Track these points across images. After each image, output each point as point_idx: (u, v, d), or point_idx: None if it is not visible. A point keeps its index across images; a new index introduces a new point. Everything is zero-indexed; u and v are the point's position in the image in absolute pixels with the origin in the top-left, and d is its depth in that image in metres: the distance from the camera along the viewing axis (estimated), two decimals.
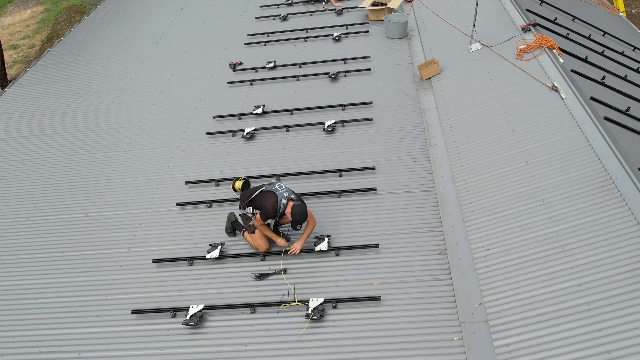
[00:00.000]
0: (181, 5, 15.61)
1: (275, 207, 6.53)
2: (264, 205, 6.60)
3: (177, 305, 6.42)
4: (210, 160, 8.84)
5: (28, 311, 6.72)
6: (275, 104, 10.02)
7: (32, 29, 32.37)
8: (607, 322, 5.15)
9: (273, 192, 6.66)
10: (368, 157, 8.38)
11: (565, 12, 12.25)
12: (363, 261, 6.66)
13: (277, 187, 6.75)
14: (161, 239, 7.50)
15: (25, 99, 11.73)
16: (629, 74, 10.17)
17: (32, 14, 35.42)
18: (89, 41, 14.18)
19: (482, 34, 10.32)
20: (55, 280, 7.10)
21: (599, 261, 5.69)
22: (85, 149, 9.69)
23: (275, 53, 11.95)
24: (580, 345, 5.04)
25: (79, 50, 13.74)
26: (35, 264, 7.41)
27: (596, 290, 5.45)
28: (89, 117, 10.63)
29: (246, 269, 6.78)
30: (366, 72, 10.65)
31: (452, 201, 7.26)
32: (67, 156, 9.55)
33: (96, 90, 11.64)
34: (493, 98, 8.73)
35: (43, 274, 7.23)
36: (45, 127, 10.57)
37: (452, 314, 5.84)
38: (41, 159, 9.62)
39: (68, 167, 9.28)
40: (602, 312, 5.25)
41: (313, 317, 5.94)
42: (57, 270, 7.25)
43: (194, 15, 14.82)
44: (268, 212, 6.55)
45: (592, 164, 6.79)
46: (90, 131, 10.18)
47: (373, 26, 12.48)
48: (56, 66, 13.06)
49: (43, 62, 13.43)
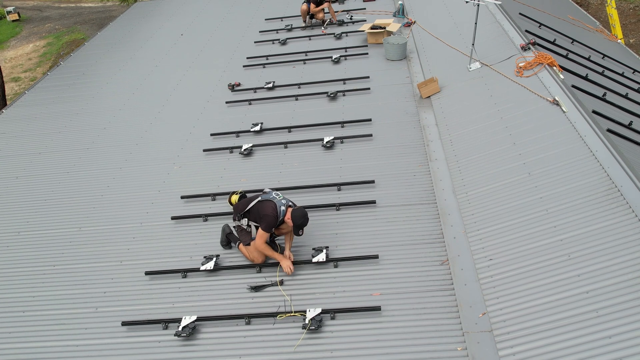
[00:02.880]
0: (181, 31, 15.69)
1: (276, 214, 6.34)
2: (264, 213, 6.40)
3: (169, 317, 6.18)
4: (206, 176, 8.70)
5: (15, 324, 6.48)
6: (274, 122, 9.93)
7: (34, 62, 32.62)
8: (617, 328, 4.93)
9: (270, 200, 6.49)
10: (367, 171, 8.24)
11: (564, 34, 12.27)
12: (362, 272, 6.44)
13: (273, 195, 6.59)
14: (155, 252, 7.29)
15: (23, 120, 11.66)
16: (629, 93, 10.10)
17: (34, 47, 35.77)
18: (88, 65, 14.19)
19: (481, 53, 10.29)
20: (44, 294, 6.87)
21: (606, 268, 5.49)
22: (80, 166, 9.56)
23: (274, 75, 11.92)
24: (591, 352, 4.81)
25: (78, 73, 13.74)
26: (24, 277, 7.20)
27: (604, 297, 5.23)
28: (85, 136, 10.53)
29: (241, 281, 6.56)
30: (365, 91, 10.59)
31: (453, 213, 7.08)
32: (62, 173, 9.42)
33: (93, 111, 11.58)
34: (494, 113, 8.63)
35: (32, 287, 7.01)
36: (41, 145, 10.46)
37: (455, 324, 5.61)
38: (35, 176, 9.48)
39: (62, 183, 9.13)
40: (611, 318, 5.03)
41: (310, 328, 5.70)
42: (47, 284, 7.03)
43: (194, 40, 14.88)
44: (270, 220, 6.35)
45: (596, 173, 6.64)
46: (86, 149, 10.07)
47: (372, 49, 12.48)
48: (55, 88, 13.03)
49: (42, 84, 13.41)
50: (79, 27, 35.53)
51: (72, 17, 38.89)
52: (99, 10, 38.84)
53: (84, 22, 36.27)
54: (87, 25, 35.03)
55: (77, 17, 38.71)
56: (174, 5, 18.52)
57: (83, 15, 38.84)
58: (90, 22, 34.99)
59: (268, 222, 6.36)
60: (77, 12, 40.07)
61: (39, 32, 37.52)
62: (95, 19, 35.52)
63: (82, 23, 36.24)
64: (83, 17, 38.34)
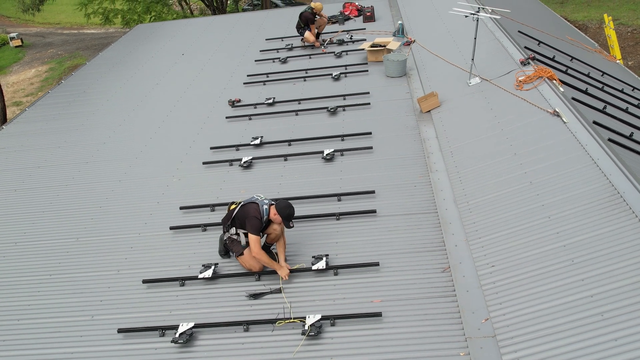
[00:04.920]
0: (182, 51, 15.79)
1: (259, 214, 6.28)
2: (247, 216, 6.33)
3: (166, 324, 6.06)
4: (205, 188, 8.64)
5: (9, 332, 6.38)
6: (274, 136, 9.91)
7: (35, 87, 32.80)
8: (623, 331, 4.82)
9: (253, 202, 6.45)
10: (367, 183, 8.18)
11: (564, 52, 12.33)
12: (363, 279, 6.35)
13: (255, 197, 6.55)
14: (152, 261, 7.21)
15: (23, 135, 11.65)
16: (629, 108, 10.10)
17: (36, 72, 36.00)
18: (89, 83, 14.25)
19: (481, 69, 10.33)
20: (40, 302, 6.78)
21: (610, 272, 5.41)
22: (78, 179, 9.51)
23: (274, 91, 11.93)
24: (597, 355, 4.69)
25: (79, 91, 13.78)
26: (20, 286, 7.11)
27: (610, 300, 5.14)
28: (85, 151, 10.51)
29: (240, 289, 6.46)
30: (365, 106, 10.59)
31: (454, 222, 7.01)
32: (60, 186, 9.37)
33: (94, 126, 11.58)
34: (494, 126, 8.62)
35: (27, 296, 6.92)
36: (41, 160, 10.43)
37: (458, 329, 5.50)
38: (34, 189, 9.43)
39: (60, 196, 9.08)
40: (617, 321, 4.92)
41: (310, 334, 5.59)
42: (42, 292, 6.94)
43: (194, 59, 14.95)
44: (254, 221, 6.27)
45: (598, 180, 6.59)
46: (85, 163, 10.04)
47: (372, 67, 12.52)
48: (55, 105, 13.06)
49: (42, 102, 13.45)
50: (81, 52, 35.84)
51: (75, 43, 39.25)
52: (101, 36, 39.21)
53: (86, 48, 36.59)
54: (89, 51, 35.33)
55: (79, 43, 39.07)
56: (175, 27, 18.67)
57: (85, 42, 39.21)
58: (92, 47, 35.31)
59: (253, 224, 6.28)
60: (79, 38, 40.46)
61: (41, 57, 37.84)
62: (98, 45, 35.81)
63: (85, 49, 36.56)
64: (85, 43, 38.71)
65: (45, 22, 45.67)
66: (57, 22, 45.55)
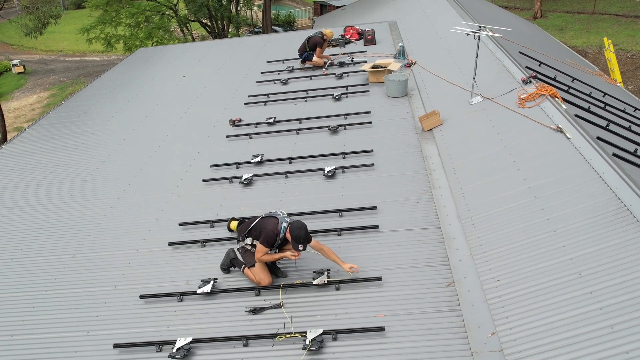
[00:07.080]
0: (183, 74, 15.82)
1: (276, 231, 6.16)
2: (264, 228, 6.23)
3: (163, 339, 5.90)
4: (205, 204, 8.53)
5: (4, 348, 6.21)
6: (274, 154, 9.83)
7: (37, 113, 32.89)
8: (634, 343, 4.68)
9: (274, 217, 6.32)
10: (369, 199, 8.08)
11: (565, 73, 12.33)
12: (365, 294, 6.21)
13: (277, 211, 6.42)
14: (150, 277, 7.07)
15: (22, 154, 11.58)
16: (632, 127, 10.05)
17: (38, 98, 36.15)
18: (90, 104, 14.23)
19: (482, 88, 10.29)
20: (34, 318, 6.62)
21: (619, 284, 5.27)
22: (77, 197, 9.41)
23: (275, 111, 11.89)
24: None
25: (79, 112, 13.76)
26: (14, 302, 6.95)
27: (620, 312, 5.00)
28: (84, 169, 10.42)
29: (240, 304, 6.31)
30: (366, 125, 10.54)
31: (458, 237, 6.89)
32: (58, 204, 9.26)
33: (93, 146, 11.52)
34: (497, 142, 8.55)
35: (22, 311, 6.77)
36: (39, 178, 10.34)
37: (463, 344, 5.35)
38: (31, 206, 9.32)
39: (58, 213, 8.96)
40: (628, 333, 4.78)
41: (311, 349, 5.43)
42: (37, 308, 6.78)
43: (195, 81, 14.96)
44: (269, 234, 6.17)
45: (603, 194, 6.48)
46: (84, 181, 9.94)
47: (373, 87, 12.51)
48: (55, 125, 13.02)
49: (42, 122, 13.41)
50: (83, 79, 36.05)
51: (77, 70, 39.53)
52: (103, 63, 39.50)
53: (87, 75, 36.83)
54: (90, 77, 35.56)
55: (81, 69, 39.35)
56: (177, 51, 18.75)
57: (87, 68, 39.48)
58: (94, 74, 35.53)
59: (266, 236, 6.18)
60: (81, 65, 40.75)
61: (43, 84, 38.07)
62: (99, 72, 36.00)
63: (86, 75, 36.80)
64: (87, 69, 38.97)
65: (48, 49, 46.11)
66: (60, 50, 45.97)
